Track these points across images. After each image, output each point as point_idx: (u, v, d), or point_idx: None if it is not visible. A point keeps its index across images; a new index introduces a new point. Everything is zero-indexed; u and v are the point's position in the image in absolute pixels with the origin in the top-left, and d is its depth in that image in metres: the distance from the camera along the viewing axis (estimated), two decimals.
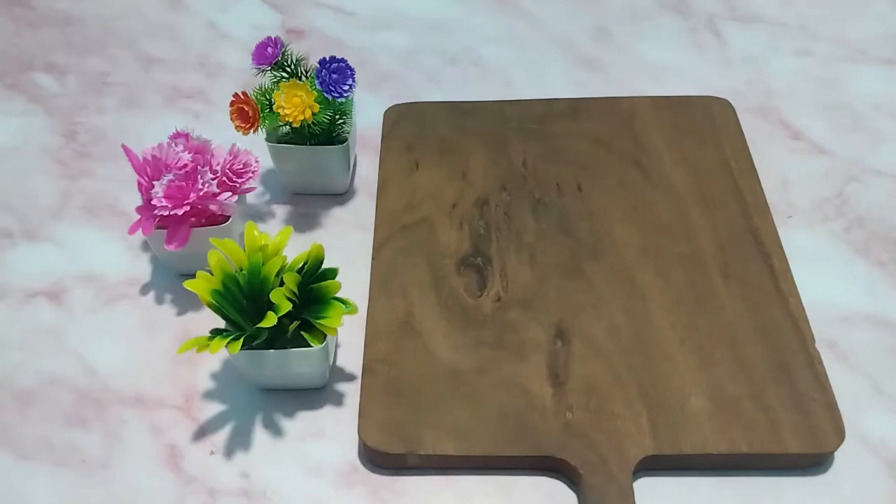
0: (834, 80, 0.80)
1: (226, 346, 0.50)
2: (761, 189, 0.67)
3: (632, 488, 0.50)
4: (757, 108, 0.77)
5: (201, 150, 0.61)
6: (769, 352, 0.56)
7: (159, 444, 0.55)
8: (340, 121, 0.65)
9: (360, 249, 0.64)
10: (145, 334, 0.61)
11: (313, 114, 0.61)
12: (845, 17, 0.87)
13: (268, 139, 0.65)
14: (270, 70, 0.64)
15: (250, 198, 0.69)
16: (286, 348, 0.53)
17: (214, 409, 0.57)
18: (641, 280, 0.60)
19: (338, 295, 0.53)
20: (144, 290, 0.64)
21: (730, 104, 0.74)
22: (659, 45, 0.85)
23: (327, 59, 0.62)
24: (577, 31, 0.86)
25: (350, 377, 0.58)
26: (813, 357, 0.56)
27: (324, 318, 0.52)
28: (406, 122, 0.74)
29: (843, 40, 0.84)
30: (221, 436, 0.55)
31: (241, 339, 0.51)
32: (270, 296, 0.51)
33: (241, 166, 0.61)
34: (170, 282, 0.64)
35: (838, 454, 0.52)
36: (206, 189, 0.58)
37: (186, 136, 0.62)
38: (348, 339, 0.59)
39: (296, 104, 0.60)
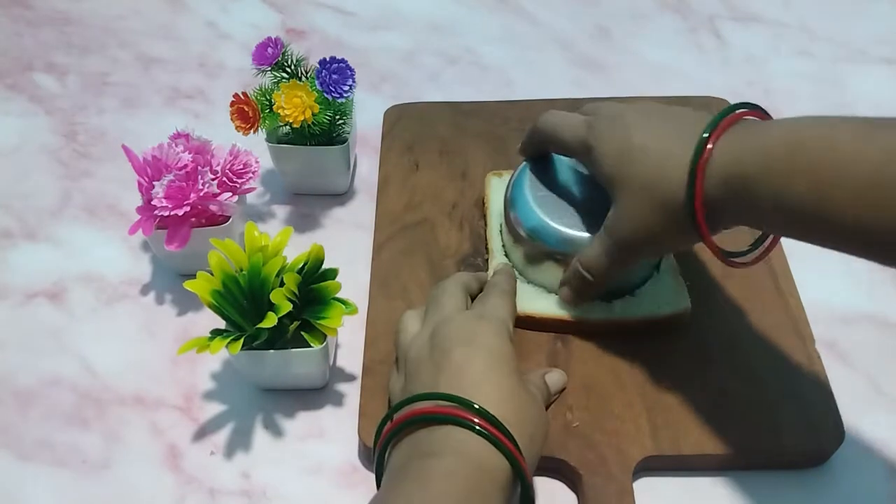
0: (834, 80, 0.80)
1: (226, 346, 0.50)
2: None
3: (632, 488, 0.50)
4: None
5: (201, 151, 0.61)
6: (769, 352, 0.56)
7: (159, 444, 0.55)
8: (340, 121, 0.65)
9: (360, 249, 0.64)
10: (145, 334, 0.61)
11: (313, 114, 0.61)
12: (845, 17, 0.87)
13: (268, 139, 0.65)
14: (270, 70, 0.64)
15: (250, 198, 0.69)
16: (286, 348, 0.53)
17: (214, 409, 0.57)
18: None
19: (338, 295, 0.53)
20: (144, 290, 0.64)
21: (730, 104, 0.74)
22: (659, 46, 0.85)
23: (327, 59, 0.62)
24: (577, 31, 0.86)
25: (350, 377, 0.58)
26: (813, 357, 0.56)
27: (324, 318, 0.52)
28: (406, 122, 0.74)
29: (843, 40, 0.84)
30: (221, 436, 0.55)
31: (242, 340, 0.51)
32: (271, 296, 0.51)
33: (241, 166, 0.61)
34: (170, 282, 0.64)
35: (838, 454, 0.52)
36: (206, 189, 0.58)
37: (186, 136, 0.62)
38: (348, 339, 0.59)
39: (296, 104, 0.60)
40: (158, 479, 0.53)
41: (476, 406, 0.43)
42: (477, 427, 0.42)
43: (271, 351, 0.53)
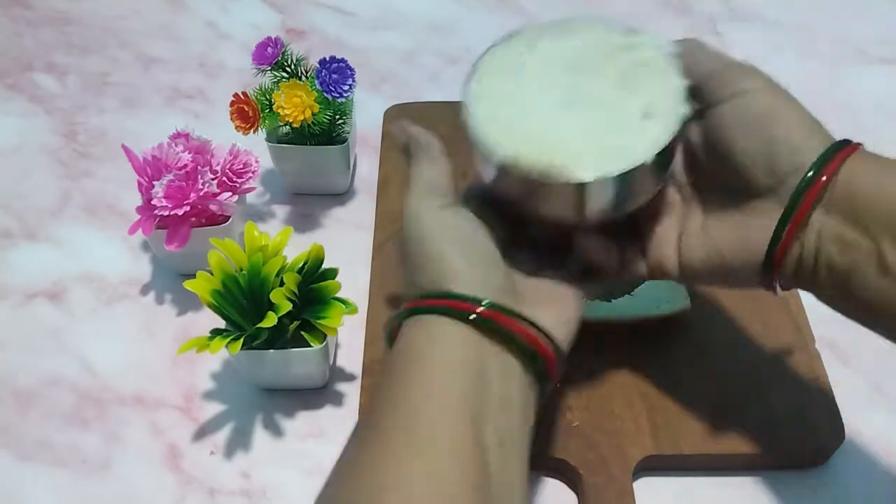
0: (834, 80, 0.80)
1: (226, 346, 0.50)
2: None
3: (632, 488, 0.50)
4: None
5: (201, 150, 0.61)
6: (769, 352, 0.56)
7: (159, 444, 0.55)
8: (340, 121, 0.65)
9: (360, 249, 0.64)
10: (145, 334, 0.61)
11: (313, 114, 0.61)
12: (845, 17, 0.87)
13: (268, 139, 0.65)
14: (270, 70, 0.64)
15: (250, 198, 0.69)
16: (286, 348, 0.53)
17: (214, 409, 0.57)
18: None
19: (338, 295, 0.53)
20: (144, 290, 0.64)
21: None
22: None
23: (327, 59, 0.62)
24: None
25: (350, 377, 0.58)
26: (813, 357, 0.56)
27: (324, 318, 0.52)
28: (406, 122, 0.74)
29: (843, 40, 0.84)
30: (221, 436, 0.55)
31: (241, 339, 0.51)
32: (270, 296, 0.51)
33: (241, 166, 0.61)
34: (170, 282, 0.64)
35: (838, 454, 0.52)
36: (206, 189, 0.58)
37: (186, 136, 0.62)
38: (348, 339, 0.59)
39: (296, 104, 0.60)
40: (158, 479, 0.53)
41: (419, 294, 0.40)
42: (427, 306, 0.40)
43: (271, 351, 0.53)
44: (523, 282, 0.44)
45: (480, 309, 0.39)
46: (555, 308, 0.43)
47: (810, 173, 0.40)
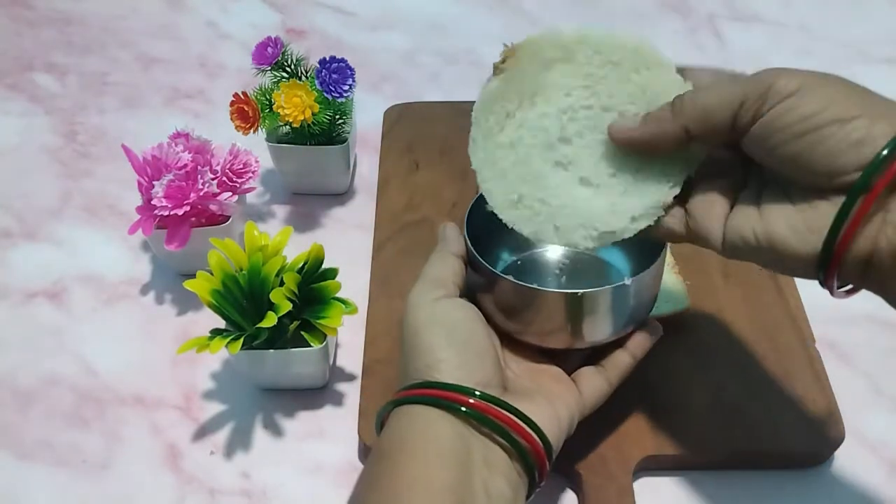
0: None
1: (226, 346, 0.50)
2: None
3: (632, 488, 0.50)
4: None
5: (201, 150, 0.61)
6: (769, 352, 0.56)
7: (159, 444, 0.55)
8: (340, 121, 0.65)
9: (360, 249, 0.64)
10: (145, 334, 0.61)
11: (313, 114, 0.61)
12: (845, 17, 0.87)
13: (268, 139, 0.66)
14: (270, 70, 0.64)
15: (250, 198, 0.69)
16: (286, 348, 0.53)
17: (214, 409, 0.57)
18: None
19: (338, 295, 0.53)
20: (144, 290, 0.64)
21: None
22: (659, 45, 0.84)
23: (327, 59, 0.62)
24: None
25: (350, 377, 0.58)
26: (813, 357, 0.56)
27: (324, 318, 0.52)
28: (406, 122, 0.74)
29: (843, 40, 0.84)
30: (221, 436, 0.55)
31: (241, 339, 0.51)
32: (270, 296, 0.51)
33: (241, 166, 0.61)
34: (170, 282, 0.64)
35: (838, 454, 0.52)
36: (206, 189, 0.58)
37: (186, 136, 0.62)
38: (348, 339, 0.59)
39: (296, 104, 0.60)
40: (158, 479, 0.53)
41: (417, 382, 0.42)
42: (416, 396, 0.41)
43: (271, 350, 0.53)
44: (521, 374, 0.47)
45: (472, 401, 0.40)
46: (548, 404, 0.44)
47: (883, 152, 0.35)
